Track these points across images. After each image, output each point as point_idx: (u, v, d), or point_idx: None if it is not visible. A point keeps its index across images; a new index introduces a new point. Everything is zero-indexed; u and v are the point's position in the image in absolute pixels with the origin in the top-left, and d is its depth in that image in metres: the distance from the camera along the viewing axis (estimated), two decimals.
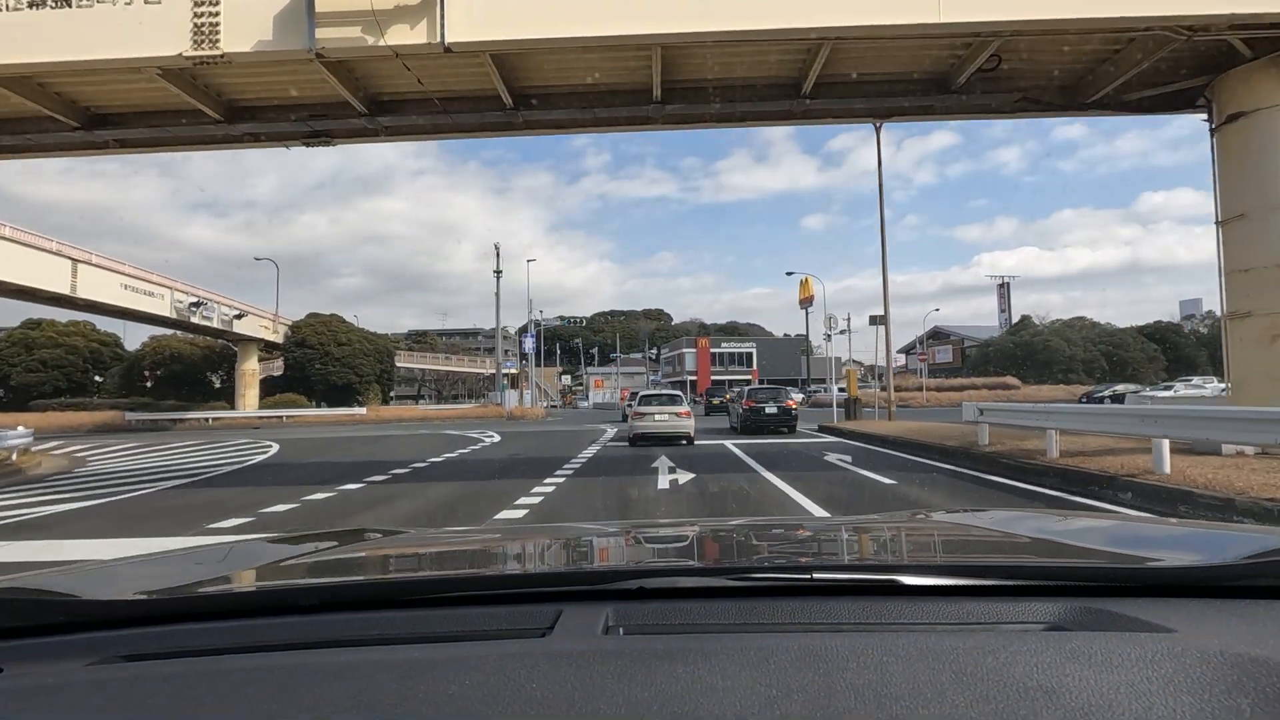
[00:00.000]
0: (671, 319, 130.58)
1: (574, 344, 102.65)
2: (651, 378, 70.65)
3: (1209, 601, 0.85)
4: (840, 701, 0.63)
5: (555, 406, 74.02)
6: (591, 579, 1.04)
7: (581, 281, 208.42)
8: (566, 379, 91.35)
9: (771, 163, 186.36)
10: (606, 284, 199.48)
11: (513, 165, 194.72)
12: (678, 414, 16.62)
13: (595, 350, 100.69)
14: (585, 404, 73.42)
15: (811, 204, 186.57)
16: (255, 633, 0.88)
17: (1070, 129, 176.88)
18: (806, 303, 69.28)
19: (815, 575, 0.97)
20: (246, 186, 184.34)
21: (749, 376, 77.54)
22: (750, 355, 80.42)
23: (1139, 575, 0.98)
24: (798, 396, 22.46)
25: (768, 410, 19.66)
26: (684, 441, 16.15)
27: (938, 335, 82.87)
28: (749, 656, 0.71)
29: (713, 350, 79.49)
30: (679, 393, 19.10)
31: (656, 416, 16.63)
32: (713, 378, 76.71)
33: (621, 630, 0.82)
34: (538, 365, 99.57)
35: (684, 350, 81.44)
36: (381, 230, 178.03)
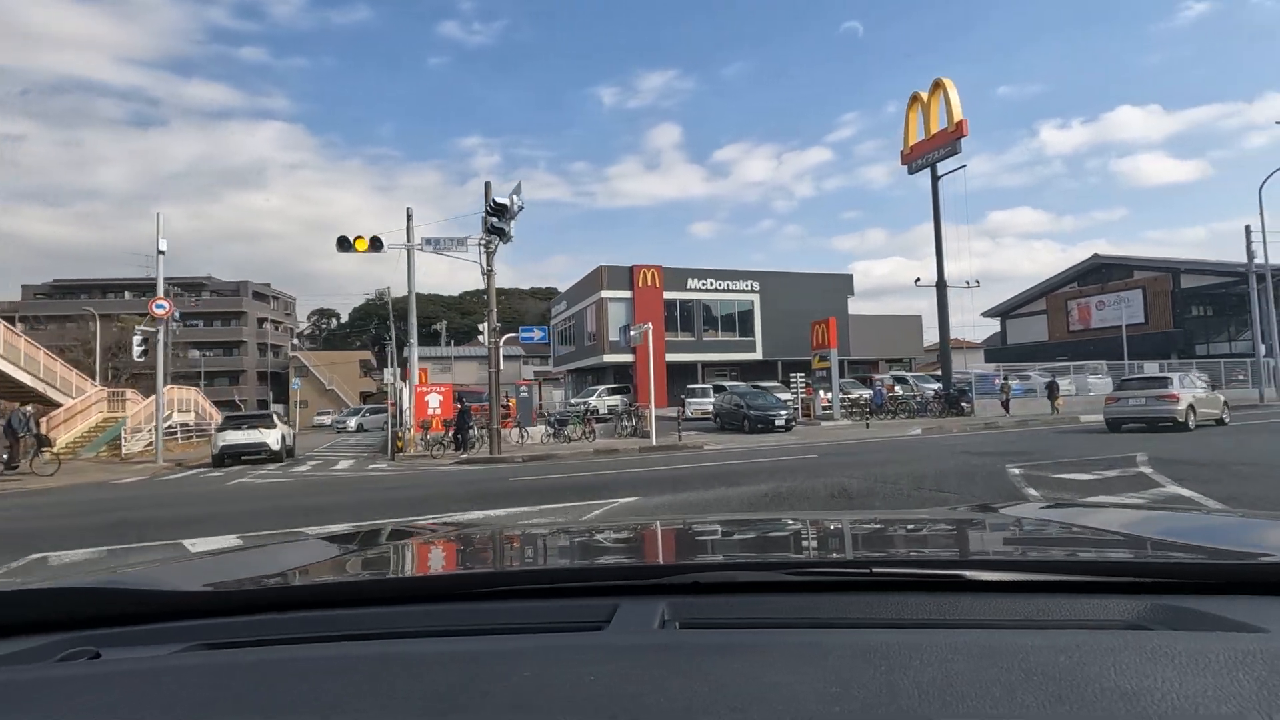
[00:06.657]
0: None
1: (433, 327, 61.65)
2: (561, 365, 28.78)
3: None
4: (903, 700, 0.60)
5: (343, 426, 36.08)
6: (648, 573, 1.05)
7: (472, 283, 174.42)
8: (407, 371, 51.33)
9: (661, 171, 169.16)
10: (497, 284, 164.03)
11: (397, 163, 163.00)
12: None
13: (441, 329, 60.75)
14: (354, 422, 40.04)
15: (700, 211, 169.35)
16: (323, 624, 0.92)
17: None
18: (943, 143, 27.28)
19: (875, 570, 0.95)
20: (87, 174, 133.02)
21: (750, 353, 36.70)
22: (749, 314, 38.76)
23: (1225, 571, 0.93)
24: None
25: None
26: None
27: (1103, 270, 44.80)
28: (807, 652, 0.70)
29: (668, 296, 36.43)
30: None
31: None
32: (669, 356, 35.03)
33: (677, 624, 0.82)
34: (331, 348, 54.51)
35: (604, 297, 36.36)
36: (252, 227, 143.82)
